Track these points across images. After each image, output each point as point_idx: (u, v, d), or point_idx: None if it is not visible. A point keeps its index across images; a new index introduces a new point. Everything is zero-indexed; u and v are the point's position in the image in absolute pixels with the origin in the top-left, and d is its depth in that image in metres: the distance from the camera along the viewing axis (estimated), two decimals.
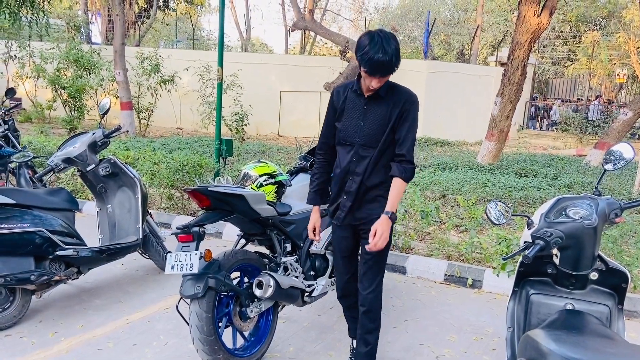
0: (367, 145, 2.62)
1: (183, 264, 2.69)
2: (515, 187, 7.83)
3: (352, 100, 2.67)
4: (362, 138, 2.62)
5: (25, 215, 3.39)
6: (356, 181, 2.65)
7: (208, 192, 2.85)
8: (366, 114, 2.62)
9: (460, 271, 4.58)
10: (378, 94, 2.59)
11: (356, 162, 2.65)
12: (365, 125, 2.61)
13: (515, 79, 10.17)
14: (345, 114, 2.68)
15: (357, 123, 2.64)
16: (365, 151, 2.62)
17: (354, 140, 2.65)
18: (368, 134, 2.61)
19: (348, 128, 2.67)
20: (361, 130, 2.63)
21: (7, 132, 5.81)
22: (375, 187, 2.67)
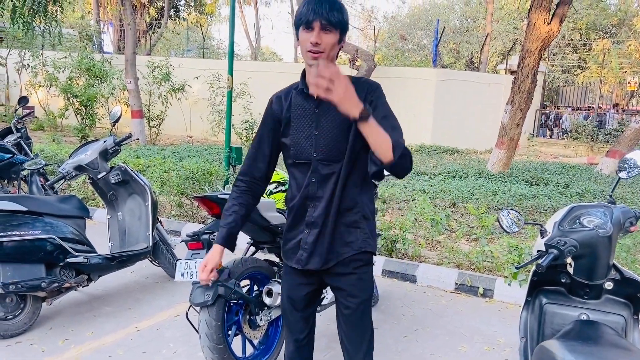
0: (328, 160, 1.97)
1: (193, 271, 2.69)
2: (526, 195, 7.79)
3: (298, 105, 2.03)
4: (319, 152, 1.97)
5: (36, 223, 3.41)
6: (320, 207, 2.00)
7: (218, 200, 2.85)
8: (320, 120, 1.97)
9: (471, 280, 4.54)
10: None
11: (317, 183, 2.00)
12: (321, 134, 1.97)
13: (525, 86, 10.14)
14: (293, 125, 2.02)
15: (309, 133, 1.99)
16: (327, 167, 1.97)
17: (309, 156, 1.99)
18: (326, 145, 1.96)
19: (300, 142, 2.00)
20: (317, 141, 1.97)
21: (19, 140, 5.87)
22: (347, 211, 2.01)
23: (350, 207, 2.01)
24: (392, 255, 5.11)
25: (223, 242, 2.13)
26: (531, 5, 10.16)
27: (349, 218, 2.01)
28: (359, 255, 2.03)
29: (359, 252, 2.02)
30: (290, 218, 2.09)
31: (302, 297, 2.13)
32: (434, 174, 10.12)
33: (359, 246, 2.02)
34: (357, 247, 2.02)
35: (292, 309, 2.16)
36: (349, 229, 2.02)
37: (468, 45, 28.78)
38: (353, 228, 2.02)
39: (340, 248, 2.02)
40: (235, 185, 2.16)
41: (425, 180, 9.21)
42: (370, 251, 2.06)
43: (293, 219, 2.07)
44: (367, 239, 2.04)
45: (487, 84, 17.54)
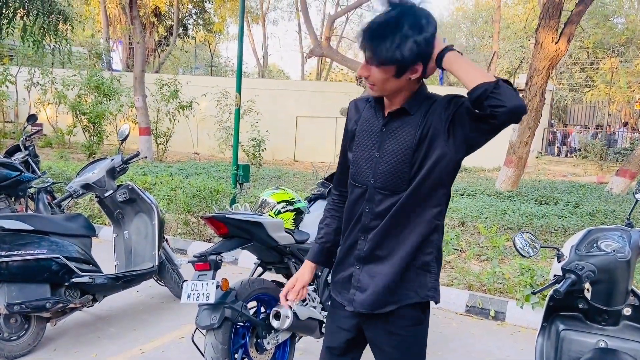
0: (386, 189, 1.69)
1: (199, 293, 2.63)
2: (536, 215, 7.68)
3: (367, 119, 1.78)
4: (377, 178, 1.70)
5: (42, 242, 3.37)
6: (375, 242, 1.72)
7: (226, 220, 2.81)
8: (384, 140, 1.70)
9: (483, 302, 4.45)
10: (405, 110, 1.69)
11: (370, 214, 1.73)
12: (383, 157, 1.70)
13: (533, 105, 10.10)
14: (357, 141, 1.78)
15: (370, 154, 1.73)
16: (387, 198, 1.69)
17: (366, 180, 1.73)
18: (387, 172, 1.68)
19: (359, 161, 1.76)
20: (377, 165, 1.71)
21: (27, 158, 5.88)
22: (417, 252, 1.70)
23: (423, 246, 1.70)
24: None
25: (314, 258, 1.95)
26: (539, 24, 10.17)
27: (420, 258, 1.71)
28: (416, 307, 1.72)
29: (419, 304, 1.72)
30: (342, 247, 1.84)
31: (341, 339, 1.84)
32: None
33: (426, 294, 1.71)
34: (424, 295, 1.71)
35: (327, 350, 1.90)
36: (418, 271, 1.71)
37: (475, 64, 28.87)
38: (423, 270, 1.71)
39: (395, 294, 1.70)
40: (330, 198, 2.01)
41: None
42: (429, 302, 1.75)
43: (343, 249, 1.82)
44: (436, 286, 1.74)
45: None
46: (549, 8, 10.04)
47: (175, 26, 22.30)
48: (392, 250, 1.70)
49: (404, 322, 1.72)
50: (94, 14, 24.47)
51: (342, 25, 28.83)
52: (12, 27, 9.43)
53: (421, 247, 1.70)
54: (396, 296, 1.70)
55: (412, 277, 1.70)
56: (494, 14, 25.75)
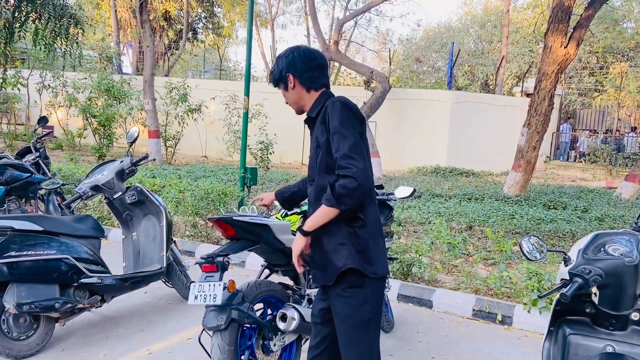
0: (310, 178, 2.25)
1: (206, 294, 2.65)
2: (544, 219, 7.65)
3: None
4: (308, 170, 2.29)
5: (52, 242, 3.41)
6: (313, 237, 2.21)
7: (233, 222, 2.82)
8: (310, 145, 2.29)
9: (489, 306, 4.43)
10: (310, 117, 2.28)
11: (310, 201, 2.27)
12: (311, 154, 2.26)
13: (542, 109, 10.06)
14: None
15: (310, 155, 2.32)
16: (310, 187, 2.26)
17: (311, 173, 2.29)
18: (309, 167, 2.26)
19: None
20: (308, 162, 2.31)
21: (38, 160, 5.94)
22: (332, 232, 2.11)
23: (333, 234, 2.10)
24: (408, 280, 5.02)
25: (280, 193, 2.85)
26: (548, 29, 10.14)
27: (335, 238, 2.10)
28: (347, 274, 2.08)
29: (348, 270, 2.07)
30: None
31: (316, 308, 2.32)
32: (449, 196, 10.02)
33: (344, 263, 2.07)
34: (342, 264, 2.07)
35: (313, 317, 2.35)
36: (336, 247, 2.10)
37: (483, 68, 28.79)
38: (340, 245, 2.10)
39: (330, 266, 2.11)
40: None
41: (440, 203, 9.11)
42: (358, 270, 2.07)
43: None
44: (352, 257, 2.07)
45: (503, 106, 17.46)
46: (558, 12, 10.01)
47: (185, 30, 22.42)
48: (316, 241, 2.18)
49: (344, 284, 2.10)
50: (104, 18, 24.69)
51: (350, 29, 28.85)
52: (24, 31, 9.53)
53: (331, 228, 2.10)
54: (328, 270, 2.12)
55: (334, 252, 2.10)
56: (503, 18, 25.69)
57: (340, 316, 2.14)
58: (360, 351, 2.12)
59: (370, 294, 2.12)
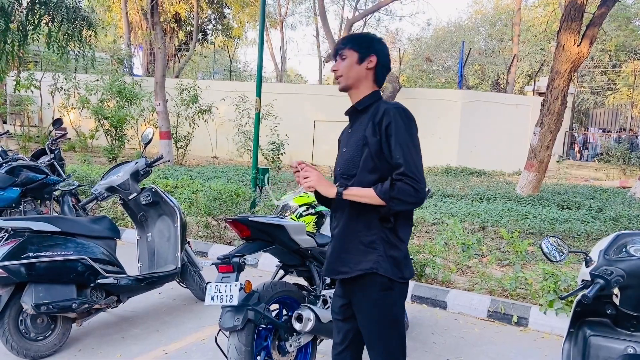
0: (346, 174, 2.14)
1: (223, 295, 2.65)
2: (558, 219, 7.59)
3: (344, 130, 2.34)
4: (341, 166, 2.19)
5: (68, 243, 3.43)
6: (340, 220, 2.16)
7: (248, 222, 2.83)
8: (349, 138, 2.21)
9: (505, 307, 4.40)
10: (356, 109, 2.20)
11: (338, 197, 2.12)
12: (347, 150, 2.19)
13: (555, 108, 9.98)
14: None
15: (342, 151, 2.24)
16: (346, 182, 2.13)
17: (337, 170, 2.24)
18: (347, 160, 2.15)
19: (338, 160, 2.27)
20: (342, 157, 2.21)
21: (53, 161, 5.99)
22: (364, 230, 2.08)
23: (369, 227, 2.07)
24: (422, 280, 5.00)
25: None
26: (560, 27, 10.05)
27: (365, 238, 2.07)
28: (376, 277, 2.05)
29: (375, 274, 2.05)
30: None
31: (337, 305, 2.29)
32: (461, 196, 9.97)
33: (370, 266, 2.04)
34: (364, 268, 2.05)
35: (333, 315, 2.33)
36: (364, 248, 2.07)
37: (494, 67, 28.62)
38: (368, 247, 2.07)
39: (348, 263, 2.10)
40: None
41: (452, 203, 9.06)
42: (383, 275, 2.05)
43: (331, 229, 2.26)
44: (381, 261, 2.05)
45: (515, 105, 17.34)
46: (570, 10, 9.92)
47: (195, 32, 22.53)
48: (343, 227, 2.13)
49: (374, 287, 2.06)
50: (115, 20, 24.87)
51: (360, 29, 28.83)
52: (37, 34, 9.62)
53: (369, 227, 2.07)
54: (344, 266, 2.10)
55: (359, 252, 2.07)
56: (514, 17, 25.52)
57: (368, 318, 2.13)
58: (388, 348, 2.14)
59: (398, 296, 2.12)
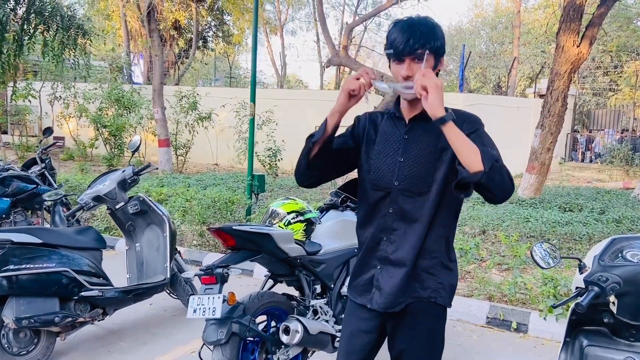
0: (410, 191, 1.81)
1: (205, 307, 2.56)
2: (560, 222, 7.46)
3: (387, 131, 1.91)
4: (402, 180, 1.82)
5: (51, 255, 3.34)
6: (396, 243, 1.85)
7: (233, 231, 2.73)
8: (407, 146, 1.84)
9: (504, 314, 4.28)
10: (425, 113, 1.73)
11: (394, 215, 1.84)
12: (407, 161, 1.82)
13: (555, 110, 9.87)
14: (377, 149, 1.90)
15: (393, 160, 1.85)
16: (409, 200, 1.82)
17: (389, 183, 1.84)
18: (411, 175, 1.81)
19: (381, 168, 1.87)
20: (401, 169, 1.83)
21: (44, 171, 5.92)
22: (428, 254, 1.84)
23: (431, 250, 1.83)
24: None
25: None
26: (559, 28, 9.96)
27: (428, 262, 1.84)
28: (429, 306, 1.85)
29: (428, 303, 1.85)
30: (361, 251, 1.95)
31: (359, 344, 1.93)
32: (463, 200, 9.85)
33: (429, 295, 1.84)
34: (430, 296, 1.84)
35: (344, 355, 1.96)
36: (426, 274, 1.84)
37: (495, 70, 28.56)
38: (431, 273, 1.84)
39: (412, 292, 1.84)
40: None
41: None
42: (441, 305, 1.87)
43: (365, 252, 1.93)
44: (439, 289, 1.85)
45: (516, 108, 17.24)
46: (569, 11, 9.83)
47: (195, 39, 22.51)
48: (408, 251, 1.82)
49: (422, 317, 1.85)
50: (115, 29, 24.89)
51: (360, 34, 28.83)
52: (33, 43, 9.59)
53: (430, 251, 1.83)
54: (404, 296, 1.83)
55: (418, 278, 1.84)
56: (514, 19, 25.46)
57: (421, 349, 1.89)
58: None
59: (444, 324, 1.94)
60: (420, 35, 1.74)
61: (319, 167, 1.89)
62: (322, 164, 1.89)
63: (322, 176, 1.96)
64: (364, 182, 1.94)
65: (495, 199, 1.68)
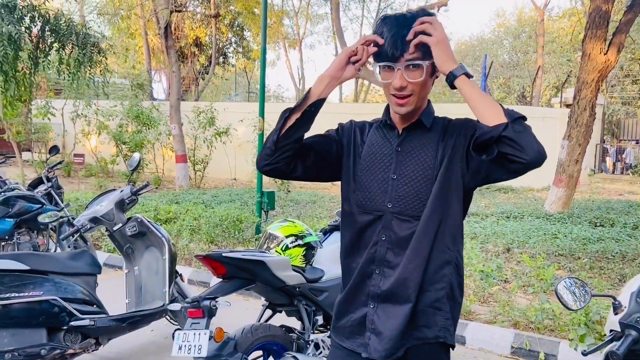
0: (406, 214, 1.55)
1: (191, 344, 2.32)
2: (590, 238, 7.03)
3: (375, 143, 1.64)
4: (396, 201, 1.55)
5: (39, 282, 3.14)
6: (392, 277, 1.56)
7: (222, 259, 2.49)
8: (401, 161, 1.57)
9: (530, 343, 3.92)
10: (421, 122, 1.59)
11: (387, 243, 1.56)
12: (401, 178, 1.55)
13: (583, 120, 9.45)
14: (364, 165, 1.63)
15: (385, 177, 1.57)
16: (404, 225, 1.55)
17: (380, 205, 1.57)
18: (406, 195, 1.54)
19: (369, 186, 1.59)
20: (394, 188, 1.55)
21: (50, 190, 5.79)
22: (432, 286, 1.56)
23: (433, 282, 1.55)
24: None
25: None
26: (585, 35, 9.57)
27: (431, 296, 1.56)
28: (434, 348, 1.58)
29: (435, 344, 1.57)
30: (347, 285, 1.65)
31: None
32: (486, 214, 9.45)
33: (436, 334, 1.56)
34: (433, 335, 1.56)
35: None
36: (430, 309, 1.56)
37: (519, 80, 28.01)
38: (435, 308, 1.56)
39: (414, 333, 1.56)
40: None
41: (476, 222, 8.57)
42: (449, 344, 1.60)
43: (352, 287, 1.63)
44: (448, 326, 1.57)
45: (541, 118, 16.71)
46: (595, 18, 9.45)
47: (214, 55, 22.64)
48: (409, 285, 1.54)
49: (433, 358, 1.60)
50: (137, 46, 25.23)
51: None
52: (48, 61, 9.64)
53: (434, 281, 1.55)
54: (407, 337, 1.56)
55: (423, 316, 1.56)
56: (538, 28, 24.94)
57: None
58: None
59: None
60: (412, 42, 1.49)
61: (287, 149, 1.57)
62: (292, 147, 1.57)
63: (287, 165, 1.61)
64: (347, 202, 1.65)
65: (524, 160, 1.41)
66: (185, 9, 20.85)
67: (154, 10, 14.97)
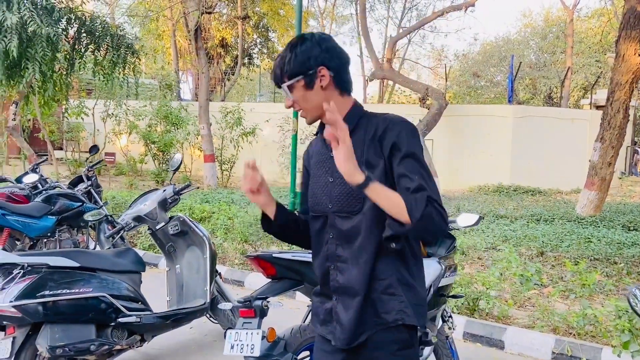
0: (344, 212, 1.68)
1: (243, 344, 2.35)
2: (625, 243, 6.90)
3: (317, 152, 1.82)
4: (335, 201, 1.69)
5: (88, 279, 3.22)
6: (345, 271, 1.69)
7: (273, 259, 2.53)
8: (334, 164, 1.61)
9: (572, 349, 3.88)
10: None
11: (335, 240, 1.71)
12: (336, 179, 1.68)
13: (616, 122, 9.28)
14: (312, 173, 1.82)
15: (325, 181, 1.73)
16: (347, 221, 1.68)
17: (325, 207, 1.73)
18: (341, 194, 1.67)
19: (316, 192, 1.76)
20: (332, 189, 1.70)
21: (90, 188, 5.92)
22: (381, 275, 1.67)
23: (383, 270, 1.66)
24: (475, 316, 4.53)
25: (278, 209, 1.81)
26: (619, 36, 9.41)
27: (382, 284, 1.66)
28: (395, 331, 1.66)
29: (395, 327, 1.66)
30: (319, 287, 1.84)
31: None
32: (515, 217, 9.34)
33: (394, 318, 1.65)
34: (392, 319, 1.65)
35: None
36: (384, 296, 1.66)
37: (546, 81, 27.54)
38: (389, 295, 1.66)
39: (372, 321, 1.67)
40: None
41: (505, 225, 8.47)
42: (410, 325, 1.68)
43: (320, 284, 1.82)
44: (404, 308, 1.66)
45: (570, 119, 16.45)
46: (629, 18, 9.26)
47: (240, 56, 22.82)
48: (357, 277, 1.67)
49: (391, 347, 1.67)
50: (165, 47, 25.57)
51: (404, 47, 28.51)
52: (84, 62, 9.86)
53: (384, 270, 1.66)
54: (366, 325, 1.67)
55: (379, 303, 1.67)
56: (566, 28, 24.56)
57: None
58: None
59: (416, 348, 1.76)
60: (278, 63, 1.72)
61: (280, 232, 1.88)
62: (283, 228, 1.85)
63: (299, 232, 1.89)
64: (309, 208, 1.84)
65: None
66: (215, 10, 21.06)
67: (184, 12, 15.15)
